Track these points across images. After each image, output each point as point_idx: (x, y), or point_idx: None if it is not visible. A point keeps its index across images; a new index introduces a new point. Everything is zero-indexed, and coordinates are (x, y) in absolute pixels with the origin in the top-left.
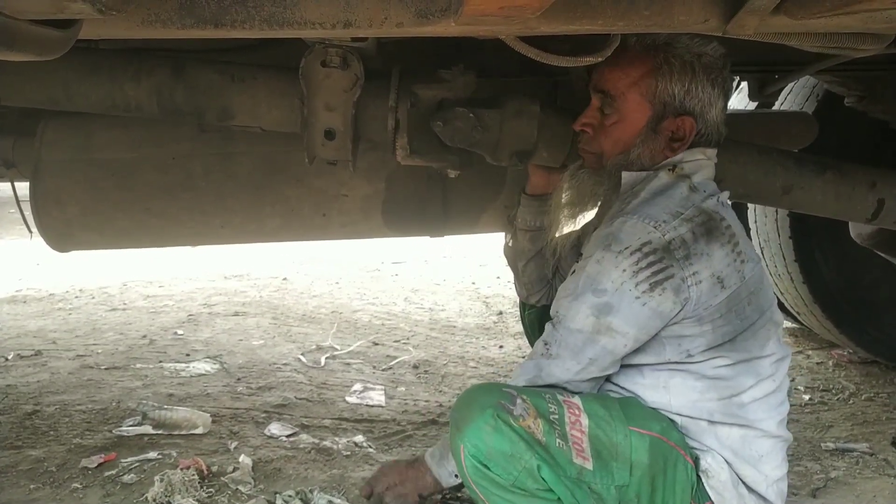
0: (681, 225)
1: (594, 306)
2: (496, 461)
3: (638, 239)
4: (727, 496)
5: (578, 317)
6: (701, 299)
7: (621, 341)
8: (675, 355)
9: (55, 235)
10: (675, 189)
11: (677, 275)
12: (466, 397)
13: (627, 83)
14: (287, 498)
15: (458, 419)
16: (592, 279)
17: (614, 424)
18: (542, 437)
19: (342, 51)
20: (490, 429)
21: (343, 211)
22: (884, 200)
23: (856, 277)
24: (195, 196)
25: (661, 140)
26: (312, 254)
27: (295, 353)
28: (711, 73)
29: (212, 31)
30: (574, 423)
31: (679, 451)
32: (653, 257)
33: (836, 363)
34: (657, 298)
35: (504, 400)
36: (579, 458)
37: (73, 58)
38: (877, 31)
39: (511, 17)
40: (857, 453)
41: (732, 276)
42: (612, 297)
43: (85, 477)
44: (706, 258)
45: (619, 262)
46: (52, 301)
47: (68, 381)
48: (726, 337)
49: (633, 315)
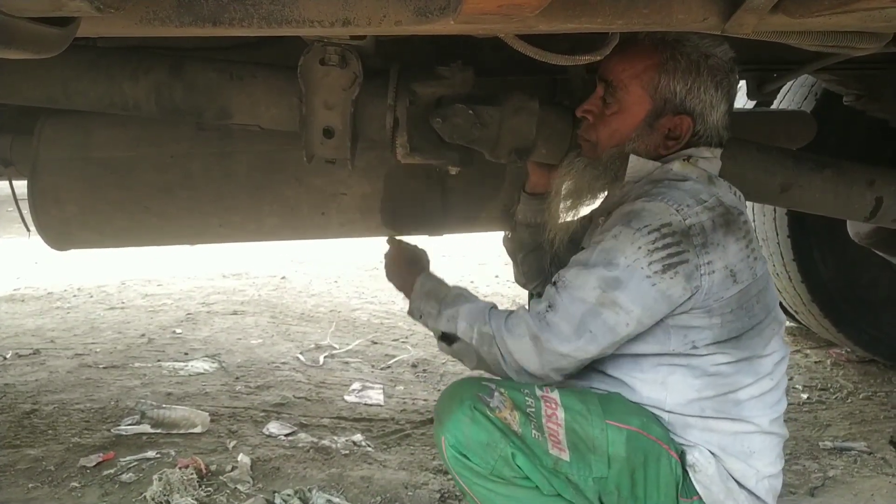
0: (703, 212)
1: (603, 279)
2: (474, 451)
3: (658, 219)
4: (714, 490)
5: (586, 287)
6: (713, 290)
7: (624, 318)
8: (679, 346)
9: (53, 234)
10: (696, 178)
11: (692, 261)
12: (448, 391)
13: (630, 74)
14: (286, 497)
15: (440, 412)
16: (607, 252)
17: (591, 418)
18: (518, 428)
19: (341, 49)
20: (468, 420)
21: (342, 210)
22: (882, 199)
23: (854, 276)
24: (194, 195)
25: (657, 136)
26: (311, 253)
27: (293, 352)
28: (717, 75)
29: (210, 29)
30: (550, 416)
31: (661, 445)
32: (670, 239)
33: (835, 362)
34: (668, 281)
35: (482, 393)
36: (555, 449)
37: (71, 56)
38: (875, 29)
39: (510, 16)
40: (854, 452)
41: (745, 272)
42: (622, 273)
43: (83, 476)
44: (722, 249)
45: (636, 239)
46: (51, 300)
47: (67, 380)
48: (733, 333)
49: (641, 294)
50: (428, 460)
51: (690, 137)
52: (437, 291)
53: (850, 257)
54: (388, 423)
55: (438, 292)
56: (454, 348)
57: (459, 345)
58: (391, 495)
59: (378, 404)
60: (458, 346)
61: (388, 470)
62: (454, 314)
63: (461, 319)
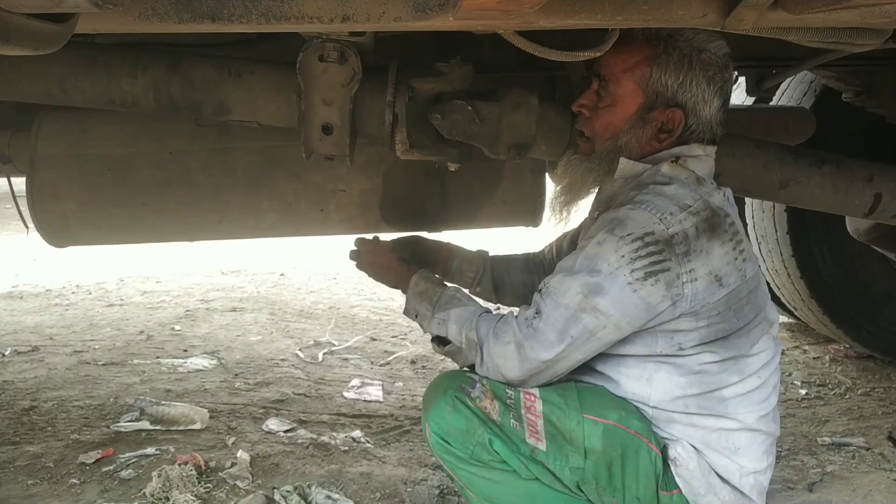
0: (686, 219)
1: (585, 285)
2: (454, 437)
3: (642, 228)
4: (695, 484)
5: (569, 293)
6: (697, 296)
7: (603, 322)
8: (666, 348)
9: (52, 231)
10: (684, 180)
11: (673, 269)
12: (434, 383)
13: (623, 68)
14: (285, 493)
15: (426, 401)
16: (590, 259)
17: (568, 412)
18: (497, 417)
19: (340, 45)
20: (450, 409)
21: (341, 206)
22: (881, 195)
23: (852, 273)
24: (192, 191)
25: (650, 130)
26: (310, 249)
27: (292, 349)
28: (709, 70)
29: (209, 25)
30: (529, 408)
31: (641, 438)
32: (653, 248)
33: (833, 358)
34: (648, 288)
35: (465, 384)
36: (532, 438)
37: (70, 52)
38: (875, 26)
39: (509, 12)
40: (853, 448)
41: (732, 275)
42: (604, 280)
43: (82, 472)
44: (705, 256)
45: (620, 247)
46: (49, 297)
47: (65, 377)
48: (720, 334)
49: (621, 300)
50: (427, 456)
51: (682, 132)
52: (431, 293)
53: (849, 254)
54: (388, 419)
55: (432, 294)
56: (446, 350)
57: (451, 347)
58: (390, 491)
59: (377, 401)
60: (449, 349)
61: (388, 466)
62: (445, 318)
63: (451, 323)
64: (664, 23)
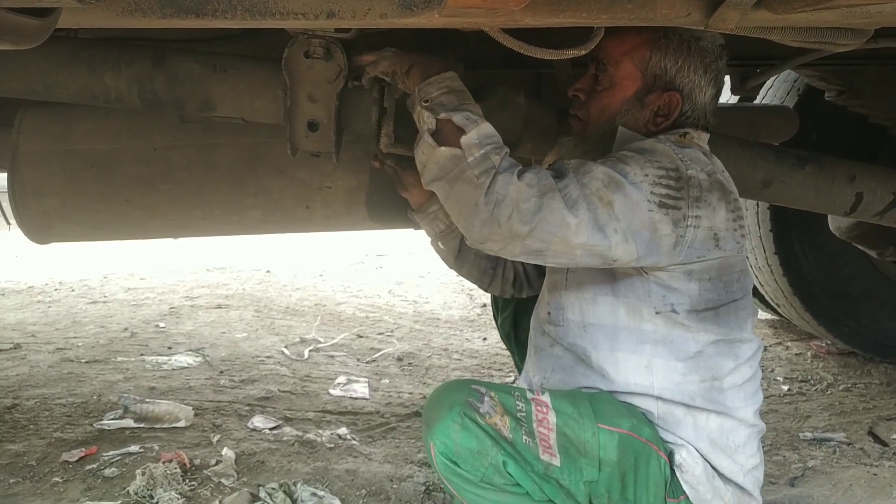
0: (701, 172)
1: (609, 175)
2: (464, 458)
3: (668, 161)
4: (701, 490)
5: (590, 174)
6: (695, 245)
7: (613, 224)
8: (659, 304)
9: (34, 227)
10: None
11: (682, 209)
12: (436, 395)
13: (622, 51)
14: (270, 490)
15: (428, 417)
16: (618, 163)
17: (582, 422)
18: (509, 434)
19: (325, 42)
20: (458, 427)
21: (326, 203)
22: (862, 194)
23: (834, 270)
24: (176, 188)
25: (647, 112)
26: (296, 246)
27: (278, 346)
28: (706, 57)
29: (193, 20)
30: (542, 421)
31: (651, 446)
32: (673, 182)
33: (815, 354)
34: (660, 215)
35: (472, 398)
36: (546, 454)
37: (52, 47)
38: (856, 26)
39: (494, 10)
40: (834, 443)
41: (730, 242)
42: (628, 182)
43: (66, 471)
44: (711, 210)
45: (646, 167)
46: (32, 294)
47: (48, 375)
48: (710, 304)
49: (635, 208)
50: (413, 453)
51: (678, 117)
52: (463, 96)
53: (831, 251)
54: (374, 416)
55: (464, 97)
56: (435, 154)
57: (446, 153)
58: (376, 488)
59: (363, 398)
60: (440, 153)
61: (374, 463)
62: (474, 120)
63: (476, 131)
64: (649, 21)
